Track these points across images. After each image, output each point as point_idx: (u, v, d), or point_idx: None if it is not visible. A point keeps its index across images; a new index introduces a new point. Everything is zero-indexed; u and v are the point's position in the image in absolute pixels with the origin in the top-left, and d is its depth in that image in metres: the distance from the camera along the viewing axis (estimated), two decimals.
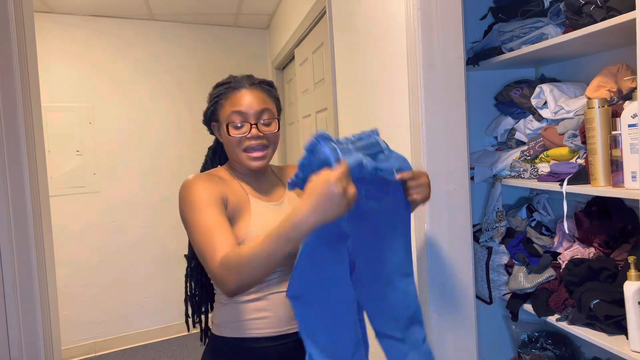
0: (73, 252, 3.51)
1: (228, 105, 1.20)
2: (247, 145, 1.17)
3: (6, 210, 1.52)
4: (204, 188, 1.12)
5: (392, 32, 1.59)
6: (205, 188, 1.12)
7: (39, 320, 1.58)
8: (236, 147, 1.19)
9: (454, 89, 1.44)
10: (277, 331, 1.17)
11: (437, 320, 1.46)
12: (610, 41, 1.40)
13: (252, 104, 1.18)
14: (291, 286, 0.97)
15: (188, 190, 1.13)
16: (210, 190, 1.12)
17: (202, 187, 1.12)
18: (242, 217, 1.16)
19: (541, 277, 1.55)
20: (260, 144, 1.18)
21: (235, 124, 1.18)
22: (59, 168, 3.46)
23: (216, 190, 1.14)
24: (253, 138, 1.17)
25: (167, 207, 3.77)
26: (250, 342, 1.17)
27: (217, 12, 3.67)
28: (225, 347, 1.18)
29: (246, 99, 1.18)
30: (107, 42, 3.60)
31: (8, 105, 1.53)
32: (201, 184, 1.13)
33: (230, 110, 1.18)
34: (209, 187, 1.13)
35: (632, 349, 1.19)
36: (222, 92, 1.22)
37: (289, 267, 1.19)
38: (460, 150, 1.46)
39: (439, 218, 1.45)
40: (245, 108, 1.17)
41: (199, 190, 1.12)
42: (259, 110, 1.18)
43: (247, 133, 1.17)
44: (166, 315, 3.80)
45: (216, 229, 1.05)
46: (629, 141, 1.15)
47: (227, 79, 1.26)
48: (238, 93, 1.20)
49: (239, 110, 1.17)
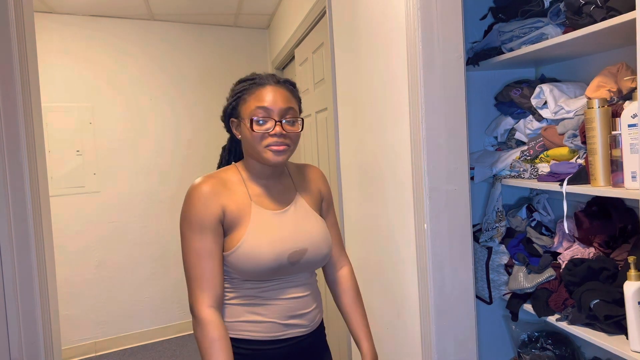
0: (73, 252, 3.51)
1: (252, 101, 1.18)
2: (269, 142, 1.16)
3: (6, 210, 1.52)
4: (202, 205, 1.13)
5: (392, 32, 1.59)
6: (203, 205, 1.13)
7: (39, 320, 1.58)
8: (257, 143, 1.16)
9: (454, 89, 1.44)
10: (271, 336, 1.17)
11: (437, 320, 1.46)
12: (610, 41, 1.40)
13: (277, 101, 1.17)
14: None
15: (189, 203, 1.15)
16: (208, 206, 1.13)
17: (201, 203, 1.13)
18: (241, 225, 1.16)
19: (541, 277, 1.55)
20: (282, 142, 1.16)
21: (259, 119, 1.16)
22: (59, 168, 3.46)
23: (214, 204, 1.14)
24: (276, 135, 1.15)
25: (167, 207, 3.77)
26: (244, 344, 1.17)
27: (217, 12, 3.67)
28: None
29: (272, 95, 1.17)
30: (107, 42, 3.60)
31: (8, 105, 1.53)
32: (202, 198, 1.14)
33: (254, 105, 1.17)
34: (207, 204, 1.13)
35: (632, 349, 1.19)
36: (246, 87, 1.21)
37: (287, 275, 1.19)
38: (460, 150, 1.46)
39: (439, 218, 1.45)
40: (270, 104, 1.16)
41: (199, 209, 1.13)
42: (284, 108, 1.17)
43: (271, 130, 1.15)
44: (166, 315, 3.81)
45: (206, 260, 1.13)
46: (629, 141, 1.15)
47: (250, 75, 1.25)
48: (263, 89, 1.18)
49: (263, 106, 1.16)
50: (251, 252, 1.12)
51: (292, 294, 1.19)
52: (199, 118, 3.87)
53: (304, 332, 1.21)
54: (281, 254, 1.14)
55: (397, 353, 1.74)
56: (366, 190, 1.96)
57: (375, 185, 1.86)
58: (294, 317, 1.19)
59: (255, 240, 1.13)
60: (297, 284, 1.21)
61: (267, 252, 1.13)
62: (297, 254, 1.17)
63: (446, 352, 1.47)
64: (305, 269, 1.21)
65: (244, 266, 1.13)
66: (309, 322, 1.23)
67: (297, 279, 1.21)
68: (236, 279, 1.17)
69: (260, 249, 1.13)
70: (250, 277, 1.15)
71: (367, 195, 1.95)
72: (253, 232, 1.15)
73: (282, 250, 1.15)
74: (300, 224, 1.22)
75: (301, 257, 1.18)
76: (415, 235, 1.51)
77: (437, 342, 1.46)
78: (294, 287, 1.20)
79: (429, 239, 1.44)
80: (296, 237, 1.19)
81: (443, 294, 1.46)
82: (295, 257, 1.17)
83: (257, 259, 1.12)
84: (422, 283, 1.48)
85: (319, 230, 1.24)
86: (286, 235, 1.17)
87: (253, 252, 1.12)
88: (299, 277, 1.21)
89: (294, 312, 1.19)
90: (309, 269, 1.23)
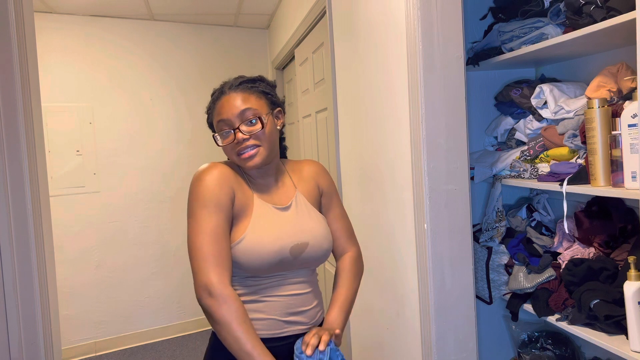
0: (73, 252, 3.51)
1: (215, 116, 1.21)
2: (238, 149, 1.17)
3: (6, 210, 1.52)
4: (215, 185, 1.11)
5: (392, 32, 1.59)
6: (217, 185, 1.12)
7: (39, 320, 1.58)
8: (231, 155, 1.19)
9: (454, 89, 1.44)
10: (271, 333, 1.17)
11: (437, 320, 1.46)
12: (610, 41, 1.40)
13: (231, 108, 1.17)
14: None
15: (200, 182, 1.13)
16: (222, 187, 1.12)
17: (214, 183, 1.12)
18: (244, 217, 1.16)
19: (541, 277, 1.55)
20: (248, 146, 1.17)
21: (222, 133, 1.18)
22: (59, 168, 3.46)
23: (227, 185, 1.13)
24: (239, 142, 1.16)
25: (167, 207, 3.77)
26: None
27: (217, 12, 3.67)
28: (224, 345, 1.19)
29: (225, 105, 1.18)
30: (107, 42, 3.60)
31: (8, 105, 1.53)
32: (214, 179, 1.12)
33: (217, 120, 1.20)
34: (221, 184, 1.12)
35: (632, 349, 1.19)
36: (210, 104, 1.24)
37: (288, 272, 1.20)
38: (460, 150, 1.46)
39: (439, 218, 1.45)
40: (226, 115, 1.17)
41: (211, 186, 1.11)
42: (238, 112, 1.17)
43: (234, 139, 1.17)
44: (166, 315, 3.81)
45: (220, 239, 1.08)
46: (629, 141, 1.15)
47: (217, 87, 1.26)
48: (219, 102, 1.20)
49: (221, 119, 1.18)
50: (254, 245, 1.13)
51: (293, 291, 1.20)
52: (200, 118, 3.86)
53: (305, 330, 1.22)
54: (284, 246, 1.15)
55: (397, 353, 1.74)
56: (366, 190, 1.96)
57: (375, 185, 1.86)
58: (295, 314, 1.20)
59: (259, 233, 1.14)
60: (297, 281, 1.21)
61: (270, 245, 1.13)
62: (298, 247, 1.18)
63: (446, 352, 1.47)
64: (306, 264, 1.22)
65: (246, 259, 1.13)
66: (310, 320, 1.23)
67: (297, 276, 1.21)
68: (237, 276, 1.17)
69: (263, 242, 1.13)
70: (252, 271, 1.15)
71: (367, 195, 1.95)
72: (256, 224, 1.15)
73: (285, 243, 1.15)
74: (302, 220, 1.23)
75: (303, 251, 1.18)
76: (415, 235, 1.51)
77: (437, 342, 1.46)
78: (295, 283, 1.21)
79: (429, 239, 1.44)
80: (298, 232, 1.19)
81: (443, 294, 1.46)
82: (297, 250, 1.17)
83: (260, 252, 1.12)
84: (422, 283, 1.48)
85: (320, 226, 1.25)
86: (288, 230, 1.18)
87: (256, 245, 1.13)
88: (300, 273, 1.22)
89: (294, 308, 1.20)
90: (310, 264, 1.23)
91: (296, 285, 1.21)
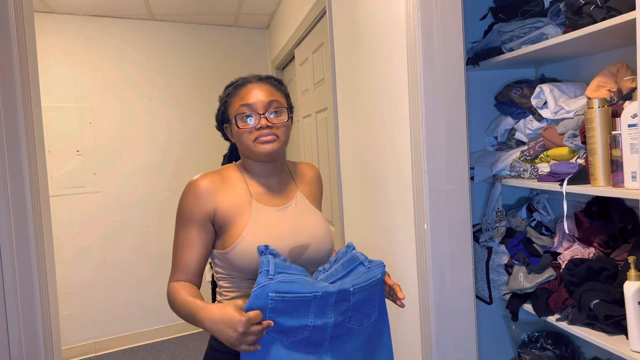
0: (73, 252, 3.51)
1: (237, 101, 1.21)
2: (256, 135, 1.18)
3: (6, 210, 1.52)
4: (194, 202, 1.16)
5: (392, 32, 1.59)
6: (195, 200, 1.16)
7: (39, 320, 1.59)
8: (246, 139, 1.19)
9: (454, 89, 1.44)
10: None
11: (437, 320, 1.46)
12: (610, 41, 1.40)
13: (259, 96, 1.19)
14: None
15: (183, 196, 1.19)
16: (199, 201, 1.16)
17: (193, 198, 1.17)
18: (239, 222, 1.16)
19: (541, 277, 1.55)
20: (269, 133, 1.18)
21: (243, 116, 1.18)
22: (59, 168, 3.46)
23: (206, 200, 1.16)
24: (262, 128, 1.17)
25: (167, 207, 3.77)
26: None
27: (217, 12, 3.67)
28: (223, 346, 1.18)
29: (254, 91, 1.20)
30: (107, 42, 3.60)
31: (8, 105, 1.53)
32: (194, 194, 1.17)
33: (238, 104, 1.20)
34: (199, 199, 1.16)
35: (632, 349, 1.19)
36: (230, 91, 1.24)
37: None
38: (460, 150, 1.46)
39: (439, 218, 1.45)
40: (253, 100, 1.18)
41: (189, 203, 1.17)
42: (267, 101, 1.19)
43: (257, 124, 1.18)
44: (166, 315, 3.80)
45: (185, 249, 1.17)
46: (629, 141, 1.15)
47: (232, 81, 1.27)
48: (245, 88, 1.21)
49: (246, 103, 1.18)
50: (250, 248, 1.12)
51: None
52: (199, 118, 3.87)
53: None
54: (281, 249, 1.14)
55: (397, 353, 1.74)
56: (366, 190, 1.96)
57: (375, 185, 1.86)
58: None
59: (254, 237, 1.14)
60: None
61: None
62: (298, 249, 1.17)
63: (446, 352, 1.47)
64: (307, 266, 1.21)
65: (242, 263, 1.13)
66: None
67: None
68: (237, 279, 1.17)
69: (259, 244, 1.13)
70: (250, 275, 1.15)
71: (367, 195, 1.95)
72: (252, 228, 1.15)
73: (282, 246, 1.15)
74: (301, 220, 1.22)
75: (303, 253, 1.18)
76: (415, 235, 1.51)
77: (437, 342, 1.46)
78: None
79: (429, 239, 1.44)
80: (297, 233, 1.19)
81: (443, 294, 1.46)
82: (296, 253, 1.17)
83: (255, 255, 1.12)
84: (422, 283, 1.48)
85: (320, 226, 1.24)
86: (286, 232, 1.18)
87: (252, 248, 1.12)
88: None
89: None
90: (311, 265, 1.23)
91: None
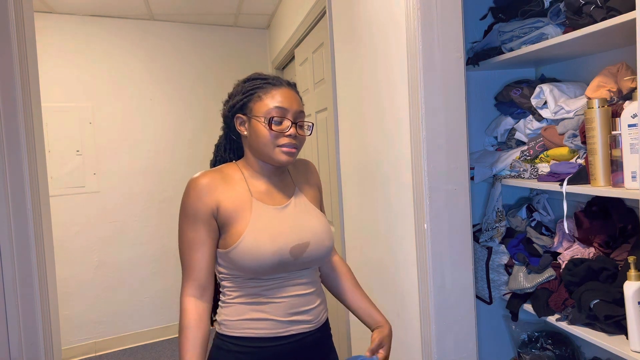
0: (73, 252, 3.51)
1: (269, 100, 1.19)
2: (283, 142, 1.18)
3: (6, 210, 1.52)
4: (197, 199, 1.16)
5: (392, 32, 1.59)
6: (197, 197, 1.16)
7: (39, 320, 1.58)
8: (271, 142, 1.18)
9: (454, 89, 1.44)
10: (275, 332, 1.17)
11: (437, 320, 1.46)
12: (610, 41, 1.40)
13: (292, 103, 1.20)
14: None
15: (185, 195, 1.18)
16: (202, 199, 1.16)
17: (196, 195, 1.17)
18: (241, 220, 1.16)
19: (541, 277, 1.55)
20: (293, 144, 1.19)
21: (278, 119, 1.18)
22: (59, 168, 3.46)
23: (209, 197, 1.16)
24: (291, 136, 1.18)
25: (167, 207, 3.77)
26: (249, 341, 1.17)
27: (217, 12, 3.67)
28: (228, 345, 1.19)
29: (289, 98, 1.20)
30: (107, 42, 3.60)
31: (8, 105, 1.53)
32: (197, 191, 1.17)
33: (272, 105, 1.18)
34: (202, 196, 1.16)
35: (632, 349, 1.19)
36: (260, 86, 1.22)
37: (290, 274, 1.19)
38: (460, 150, 1.46)
39: (439, 218, 1.45)
40: (288, 105, 1.19)
41: (193, 201, 1.17)
42: (298, 111, 1.21)
43: (287, 130, 1.18)
44: (166, 315, 3.81)
45: (195, 249, 1.18)
46: (629, 141, 1.15)
47: (259, 74, 1.26)
48: (280, 90, 1.20)
49: (283, 107, 1.18)
50: (252, 247, 1.13)
51: (296, 292, 1.20)
52: (199, 118, 3.87)
53: (309, 329, 1.21)
54: (282, 247, 1.15)
55: (397, 353, 1.74)
56: (366, 190, 1.96)
57: (375, 185, 1.86)
58: (298, 314, 1.19)
59: (256, 235, 1.14)
60: (300, 282, 1.21)
61: (268, 247, 1.13)
62: (299, 247, 1.17)
63: (446, 352, 1.47)
64: (308, 264, 1.21)
65: (245, 262, 1.13)
66: (314, 318, 1.22)
67: (300, 277, 1.21)
68: (239, 278, 1.17)
69: (260, 244, 1.13)
70: (252, 273, 1.15)
71: (367, 195, 1.95)
72: (254, 227, 1.15)
73: (284, 244, 1.15)
74: (301, 218, 1.23)
75: (304, 251, 1.18)
76: (415, 235, 1.51)
77: (437, 342, 1.46)
78: (298, 284, 1.20)
79: (429, 239, 1.44)
80: (297, 231, 1.19)
81: (443, 294, 1.46)
82: (297, 251, 1.17)
83: (258, 254, 1.12)
84: (422, 283, 1.48)
85: (320, 223, 1.25)
86: (287, 230, 1.18)
87: (254, 247, 1.13)
88: (302, 274, 1.22)
89: (297, 308, 1.19)
90: (313, 263, 1.23)
91: (299, 287, 1.20)
